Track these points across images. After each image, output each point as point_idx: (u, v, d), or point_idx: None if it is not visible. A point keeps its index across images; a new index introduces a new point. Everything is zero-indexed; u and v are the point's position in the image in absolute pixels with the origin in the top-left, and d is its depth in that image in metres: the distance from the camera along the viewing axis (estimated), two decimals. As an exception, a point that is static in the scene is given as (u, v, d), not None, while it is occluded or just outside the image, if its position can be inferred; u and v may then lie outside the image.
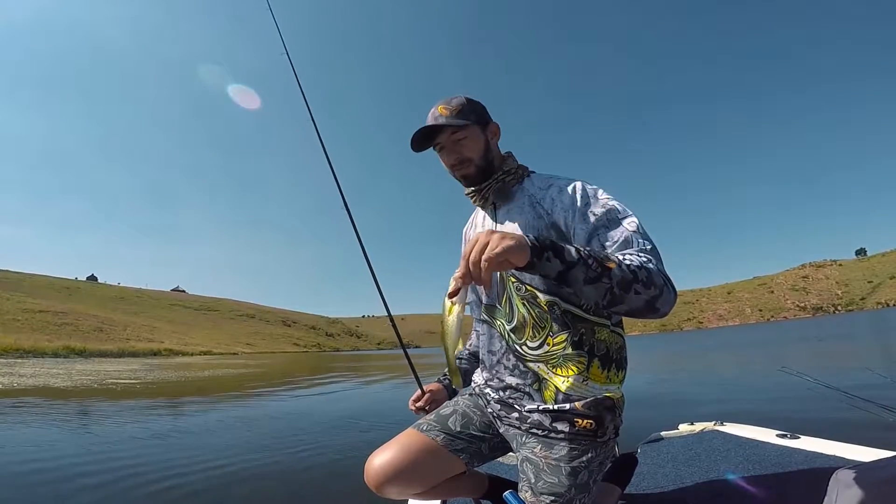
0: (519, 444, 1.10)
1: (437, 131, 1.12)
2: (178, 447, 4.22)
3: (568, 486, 0.97)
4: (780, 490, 1.49)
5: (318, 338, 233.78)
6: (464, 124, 1.11)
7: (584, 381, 1.03)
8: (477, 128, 1.14)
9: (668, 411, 4.98)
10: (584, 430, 1.01)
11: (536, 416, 1.06)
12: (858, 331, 22.92)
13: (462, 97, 1.15)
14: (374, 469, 1.10)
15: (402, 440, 1.15)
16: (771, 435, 2.14)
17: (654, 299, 0.84)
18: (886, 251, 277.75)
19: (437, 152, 1.18)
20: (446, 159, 1.15)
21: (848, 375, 6.34)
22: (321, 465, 3.53)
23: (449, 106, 1.12)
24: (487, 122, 1.17)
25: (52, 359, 29.00)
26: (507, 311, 1.12)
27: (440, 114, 1.12)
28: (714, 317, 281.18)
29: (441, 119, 1.10)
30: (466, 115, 1.12)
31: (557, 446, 1.02)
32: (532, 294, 1.07)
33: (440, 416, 1.21)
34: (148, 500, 2.76)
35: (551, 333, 1.05)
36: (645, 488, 1.65)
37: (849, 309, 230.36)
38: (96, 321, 64.46)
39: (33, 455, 3.88)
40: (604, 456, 1.05)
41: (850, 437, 1.93)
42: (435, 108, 1.14)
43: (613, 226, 0.97)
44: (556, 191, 1.07)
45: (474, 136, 1.13)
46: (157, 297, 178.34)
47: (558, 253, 0.80)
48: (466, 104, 1.14)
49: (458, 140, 1.12)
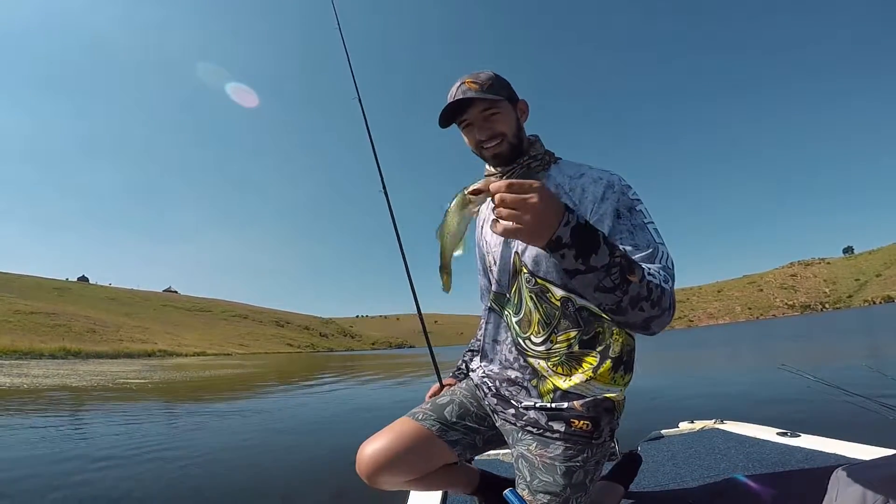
0: (515, 440, 1.08)
1: (467, 106, 1.05)
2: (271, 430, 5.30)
3: (563, 485, 0.96)
4: (780, 488, 1.49)
5: (311, 338, 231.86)
6: (496, 99, 1.04)
7: (587, 380, 1.00)
8: (508, 104, 1.07)
9: (667, 409, 5.00)
10: (580, 430, 0.99)
11: (532, 413, 1.04)
12: (850, 328, 23.05)
13: (490, 71, 1.08)
14: (365, 457, 1.07)
15: (395, 427, 1.13)
16: (771, 433, 2.14)
17: (651, 319, 0.81)
18: (873, 249, 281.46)
19: (461, 129, 1.10)
20: (477, 135, 1.07)
21: (847, 373, 6.37)
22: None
23: (477, 80, 1.05)
24: (516, 98, 1.10)
25: (51, 360, 29.06)
26: (516, 301, 1.09)
27: (469, 88, 1.04)
28: (705, 315, 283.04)
29: (470, 93, 1.02)
30: (497, 91, 1.05)
31: (553, 445, 1.00)
32: (543, 288, 1.02)
33: (436, 405, 1.18)
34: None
35: (557, 330, 1.02)
36: (645, 486, 1.66)
37: (836, 307, 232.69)
38: (89, 322, 63.58)
39: (154, 443, 4.45)
40: (600, 456, 1.03)
41: (850, 436, 1.93)
42: (461, 82, 1.06)
43: (640, 232, 0.93)
44: (588, 181, 1.02)
45: (506, 111, 1.06)
46: (148, 298, 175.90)
47: (586, 253, 0.74)
48: (496, 79, 1.07)
49: (489, 115, 1.05)
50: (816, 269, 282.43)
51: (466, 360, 1.39)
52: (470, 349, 1.40)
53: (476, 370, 1.24)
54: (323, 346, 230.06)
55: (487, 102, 1.04)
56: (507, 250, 1.10)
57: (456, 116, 1.08)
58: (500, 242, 1.13)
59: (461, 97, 1.03)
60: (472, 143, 1.10)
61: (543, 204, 0.70)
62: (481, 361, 1.22)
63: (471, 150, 1.12)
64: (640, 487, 1.65)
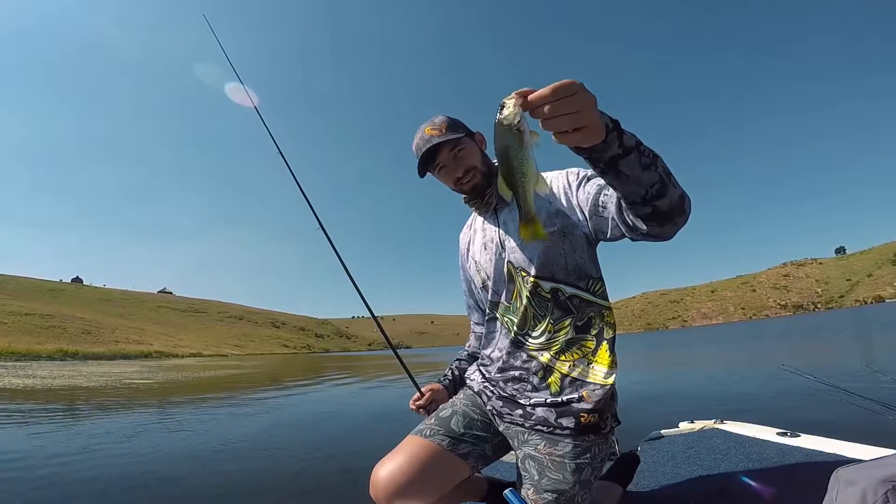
0: (521, 441, 1.09)
1: (437, 151, 1.14)
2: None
3: (573, 482, 0.98)
4: (780, 488, 1.49)
5: (307, 339, 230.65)
6: (459, 136, 1.14)
7: (589, 364, 1.04)
8: (469, 139, 1.17)
9: (667, 409, 5.00)
10: (589, 424, 1.01)
11: (541, 410, 1.05)
12: (845, 327, 23.17)
13: (443, 116, 1.18)
14: (381, 482, 1.03)
15: (406, 449, 1.09)
16: (771, 433, 2.14)
17: (684, 196, 0.81)
18: (865, 249, 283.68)
19: (436, 174, 1.19)
20: (452, 175, 1.16)
21: (847, 373, 6.40)
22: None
23: (435, 126, 1.14)
24: (472, 132, 1.21)
25: (49, 361, 29.17)
26: (515, 304, 1.14)
27: (431, 136, 1.13)
28: (698, 315, 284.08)
29: (435, 139, 1.12)
30: (456, 130, 1.15)
31: (562, 443, 1.01)
32: (535, 284, 1.09)
33: (440, 419, 1.17)
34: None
35: (553, 321, 1.08)
36: (645, 486, 1.65)
37: (828, 307, 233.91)
38: (84, 323, 63.01)
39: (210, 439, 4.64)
40: (606, 451, 1.07)
41: (850, 436, 1.92)
42: (421, 132, 1.16)
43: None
44: (551, 176, 1.13)
45: (470, 146, 1.16)
46: (143, 299, 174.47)
47: (620, 132, 0.71)
48: (451, 120, 1.17)
49: (457, 153, 1.14)
50: (809, 269, 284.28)
51: (454, 368, 1.40)
52: (458, 358, 1.41)
53: (474, 378, 1.26)
54: (319, 346, 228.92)
55: (453, 142, 1.14)
56: (499, 262, 1.17)
57: (429, 164, 1.17)
58: (492, 258, 1.19)
59: (429, 145, 1.12)
60: (451, 182, 1.19)
61: (591, 93, 0.65)
62: (480, 368, 1.25)
63: (451, 188, 1.21)
64: (640, 487, 1.65)
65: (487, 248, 1.21)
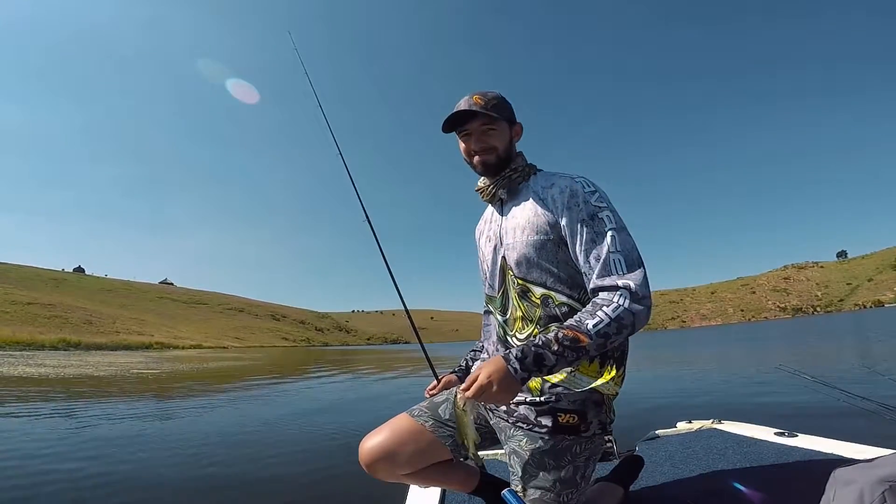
0: (507, 436, 1.13)
1: (470, 117, 1.16)
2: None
3: (553, 480, 1.01)
4: (778, 488, 1.48)
5: (307, 332, 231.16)
6: (496, 117, 1.15)
7: (572, 372, 1.05)
8: (505, 124, 1.19)
9: (665, 409, 5.01)
10: (567, 424, 1.03)
11: (523, 408, 1.08)
12: (845, 330, 23.19)
13: (498, 93, 1.20)
14: (364, 450, 1.16)
15: (392, 423, 1.20)
16: (769, 433, 2.13)
17: (626, 335, 0.95)
18: (867, 254, 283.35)
19: (459, 136, 1.21)
20: (472, 144, 1.19)
21: (845, 373, 6.39)
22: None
23: (485, 98, 1.17)
24: (514, 121, 1.22)
25: (53, 351, 29.40)
26: (504, 302, 1.17)
27: (475, 102, 1.15)
28: (697, 316, 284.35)
29: (475, 108, 1.14)
30: (499, 111, 1.17)
31: (541, 440, 1.04)
32: (525, 287, 1.11)
33: (433, 403, 1.23)
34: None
35: (540, 326, 1.08)
36: (642, 486, 1.65)
37: (828, 310, 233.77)
38: (85, 314, 63.26)
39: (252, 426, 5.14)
40: (590, 451, 1.07)
41: (848, 436, 1.92)
42: (470, 96, 1.18)
43: (599, 241, 1.01)
44: (556, 191, 1.12)
45: (502, 130, 1.18)
46: (145, 290, 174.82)
47: (539, 368, 0.91)
48: (501, 100, 1.19)
49: (486, 130, 1.17)
50: (810, 272, 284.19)
51: (468, 358, 1.43)
52: (473, 349, 1.44)
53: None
54: (318, 340, 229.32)
55: (488, 118, 1.16)
56: (496, 256, 1.20)
57: (457, 125, 1.19)
58: (492, 250, 1.22)
59: (466, 108, 1.15)
60: (466, 151, 1.21)
61: (498, 383, 0.90)
62: (480, 361, 1.30)
63: (463, 158, 1.24)
64: (637, 487, 1.64)
65: (490, 241, 1.24)
